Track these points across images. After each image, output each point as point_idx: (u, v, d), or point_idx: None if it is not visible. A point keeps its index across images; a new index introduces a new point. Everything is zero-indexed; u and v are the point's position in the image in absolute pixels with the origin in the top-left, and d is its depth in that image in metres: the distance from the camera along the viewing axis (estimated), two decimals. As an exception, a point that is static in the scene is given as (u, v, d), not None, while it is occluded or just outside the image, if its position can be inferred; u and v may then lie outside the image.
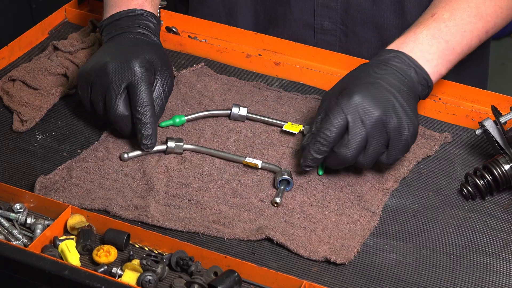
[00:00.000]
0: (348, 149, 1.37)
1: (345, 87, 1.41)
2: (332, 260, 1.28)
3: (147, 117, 1.44)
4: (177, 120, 1.54)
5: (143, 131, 1.44)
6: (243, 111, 1.55)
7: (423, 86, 1.46)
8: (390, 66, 1.44)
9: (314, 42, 1.78)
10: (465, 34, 1.52)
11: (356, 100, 1.37)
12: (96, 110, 1.48)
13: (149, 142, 1.45)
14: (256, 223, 1.34)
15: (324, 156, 1.39)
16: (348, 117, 1.36)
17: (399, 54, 1.46)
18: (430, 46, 1.48)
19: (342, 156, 1.37)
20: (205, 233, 1.32)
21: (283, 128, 1.53)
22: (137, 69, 1.45)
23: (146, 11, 1.58)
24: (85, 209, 1.33)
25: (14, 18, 1.98)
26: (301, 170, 1.42)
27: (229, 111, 1.56)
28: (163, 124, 1.54)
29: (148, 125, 1.44)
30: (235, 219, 1.35)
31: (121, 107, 1.45)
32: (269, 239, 1.32)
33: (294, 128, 1.52)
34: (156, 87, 1.49)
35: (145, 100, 1.44)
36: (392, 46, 1.49)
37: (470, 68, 1.81)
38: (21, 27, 1.79)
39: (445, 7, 1.53)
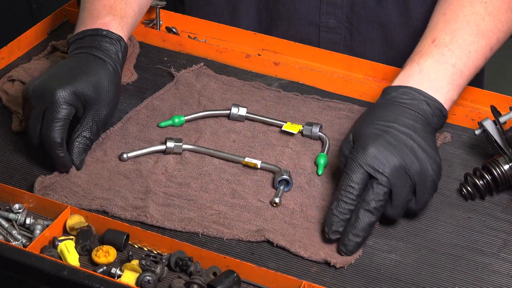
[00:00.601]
0: (373, 205, 1.30)
1: (358, 138, 1.35)
2: (332, 264, 1.28)
3: (51, 150, 1.40)
4: (176, 120, 1.54)
5: (53, 162, 1.41)
6: (242, 111, 1.55)
7: (438, 117, 1.41)
8: (400, 105, 1.39)
9: (318, 40, 1.77)
10: (470, 55, 1.47)
11: (372, 152, 1.31)
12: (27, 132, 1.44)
13: (61, 170, 1.41)
14: (256, 224, 1.34)
15: (350, 215, 1.31)
16: (368, 169, 1.30)
17: (406, 89, 1.41)
18: (437, 73, 1.43)
19: (369, 215, 1.30)
20: (205, 233, 1.32)
21: (283, 128, 1.52)
22: (56, 99, 1.39)
23: (111, 32, 1.51)
24: (84, 209, 1.33)
25: (14, 18, 1.98)
26: (328, 237, 1.32)
27: (228, 111, 1.56)
28: (163, 124, 1.54)
29: (53, 158, 1.40)
30: (235, 219, 1.35)
31: (37, 134, 1.41)
32: (268, 242, 1.32)
33: (294, 128, 1.52)
34: (85, 119, 1.43)
35: (50, 132, 1.39)
36: (398, 82, 1.44)
37: None
38: (21, 27, 1.79)
39: (445, 30, 1.48)
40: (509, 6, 1.52)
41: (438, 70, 1.43)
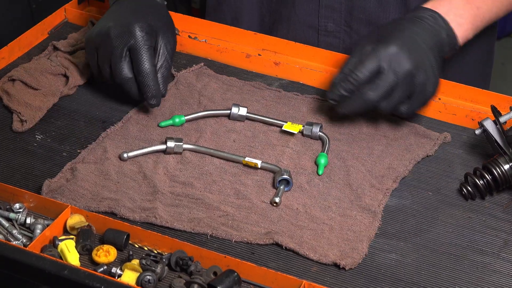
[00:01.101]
0: (375, 92, 1.44)
1: (385, 34, 1.49)
2: (341, 266, 1.28)
3: (149, 79, 1.50)
4: (177, 120, 1.54)
5: (147, 93, 1.51)
6: (242, 111, 1.55)
7: (450, 48, 1.54)
8: (425, 24, 1.52)
9: (317, 44, 1.78)
10: (495, 3, 1.59)
11: (393, 50, 1.45)
12: (103, 74, 1.55)
13: (154, 102, 1.52)
14: (263, 226, 1.34)
15: (350, 94, 1.46)
16: (383, 63, 1.44)
17: (434, 14, 1.53)
18: (463, 10, 1.55)
19: (367, 97, 1.45)
20: (213, 234, 1.32)
21: (283, 128, 1.53)
22: (138, 33, 1.50)
23: None
24: (92, 211, 1.33)
25: (14, 18, 1.98)
26: (328, 101, 1.50)
27: (228, 111, 1.56)
28: (163, 124, 1.54)
29: (150, 87, 1.51)
30: (243, 221, 1.35)
31: (125, 70, 1.51)
32: (277, 244, 1.32)
33: (294, 128, 1.52)
34: (160, 49, 1.54)
35: (145, 63, 1.50)
36: (428, 5, 1.55)
37: (475, 67, 1.81)
38: (21, 27, 1.79)
39: None
40: None
41: (465, 8, 1.56)
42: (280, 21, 1.79)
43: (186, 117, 1.54)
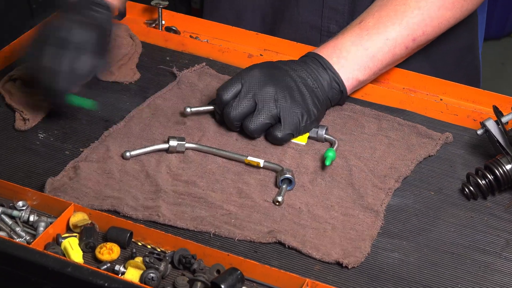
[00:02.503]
0: (233, 110, 1.47)
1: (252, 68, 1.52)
2: (344, 265, 1.28)
3: None
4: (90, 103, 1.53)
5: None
6: None
7: (334, 90, 1.53)
8: (307, 65, 1.53)
9: (319, 44, 1.77)
10: (388, 42, 1.56)
11: (255, 73, 1.49)
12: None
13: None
14: (266, 225, 1.34)
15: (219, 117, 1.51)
16: (244, 84, 1.48)
17: (317, 57, 1.54)
18: (347, 52, 1.54)
19: (226, 116, 1.48)
20: (216, 233, 1.32)
21: (292, 140, 1.52)
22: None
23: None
24: (95, 209, 1.33)
25: (14, 18, 1.98)
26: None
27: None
28: (74, 100, 1.52)
29: None
30: (246, 220, 1.35)
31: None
32: (280, 243, 1.32)
33: (302, 139, 1.52)
34: None
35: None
36: (315, 50, 1.57)
37: (461, 70, 1.82)
38: (21, 27, 1.79)
39: (374, 15, 1.58)
40: (443, 4, 1.59)
41: (349, 50, 1.55)
42: (283, 21, 1.79)
43: (192, 109, 1.55)
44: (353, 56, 1.55)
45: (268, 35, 1.77)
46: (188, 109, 1.53)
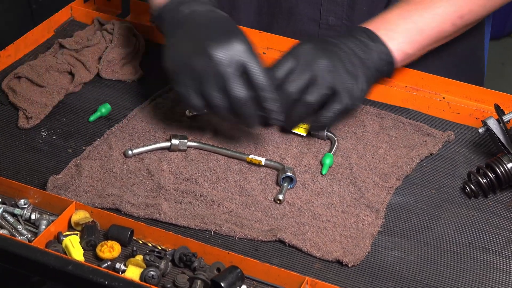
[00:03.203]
0: (291, 84, 1.43)
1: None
2: (344, 263, 1.28)
3: (271, 92, 1.41)
4: (103, 110, 1.55)
5: (272, 108, 1.41)
6: None
7: (383, 61, 1.53)
8: (355, 38, 1.52)
9: (317, 37, 1.78)
10: (435, 17, 1.57)
11: (307, 46, 1.46)
12: (212, 102, 1.40)
13: (280, 117, 1.43)
14: (267, 223, 1.35)
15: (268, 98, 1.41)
16: (297, 58, 1.45)
17: (366, 30, 1.54)
18: (396, 25, 1.55)
19: (286, 92, 1.42)
20: (217, 231, 1.33)
21: (293, 130, 1.53)
22: (243, 47, 1.40)
23: None
24: (97, 207, 1.34)
25: (15, 18, 1.99)
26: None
27: None
28: (92, 118, 1.55)
29: (272, 101, 1.41)
30: (246, 218, 1.36)
31: (241, 89, 1.39)
32: (280, 241, 1.32)
33: (301, 129, 1.52)
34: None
35: (262, 76, 1.40)
36: (363, 24, 1.56)
37: (466, 69, 1.81)
38: (21, 27, 1.80)
39: None
40: None
41: (398, 23, 1.55)
42: (280, 13, 1.78)
43: (194, 112, 1.55)
44: (402, 29, 1.55)
45: (265, 28, 1.76)
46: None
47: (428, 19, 1.57)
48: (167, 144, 1.48)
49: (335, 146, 1.49)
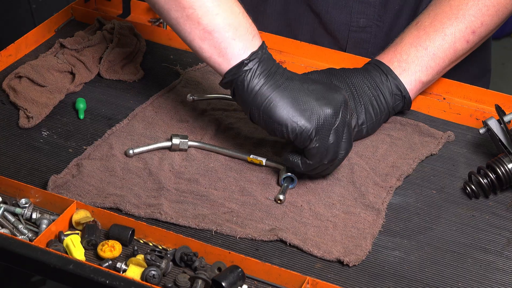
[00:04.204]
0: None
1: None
2: (345, 263, 1.28)
3: None
4: (81, 105, 1.56)
5: None
6: None
7: (397, 97, 1.52)
8: (368, 74, 1.51)
9: (346, 39, 1.74)
10: (447, 38, 1.54)
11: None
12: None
13: None
14: (268, 223, 1.35)
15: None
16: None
17: (378, 63, 1.53)
18: (407, 55, 1.53)
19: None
20: (218, 231, 1.33)
21: None
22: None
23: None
24: (98, 207, 1.34)
25: (15, 18, 1.99)
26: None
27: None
28: (81, 116, 1.56)
29: None
30: (247, 218, 1.36)
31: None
32: (282, 241, 1.32)
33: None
34: None
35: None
36: (377, 57, 1.56)
37: (470, 69, 1.81)
38: (21, 27, 1.80)
39: (429, 14, 1.57)
40: None
41: (409, 52, 1.54)
42: (309, 18, 1.74)
43: (195, 97, 1.57)
44: (413, 57, 1.53)
45: (293, 34, 1.75)
46: (191, 97, 1.54)
47: (439, 42, 1.54)
48: (168, 143, 1.48)
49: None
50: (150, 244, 1.30)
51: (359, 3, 1.69)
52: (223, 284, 1.20)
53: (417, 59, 1.53)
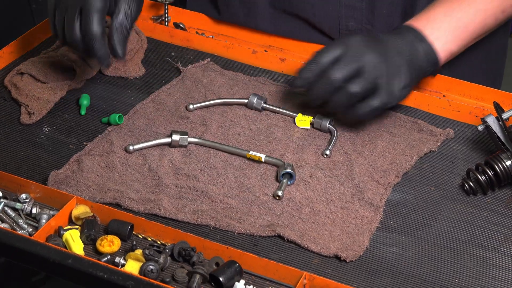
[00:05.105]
0: (338, 71, 1.44)
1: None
2: (342, 258, 1.29)
3: (94, 42, 1.46)
4: (85, 102, 1.58)
5: (94, 55, 1.48)
6: (258, 103, 1.57)
7: (429, 62, 1.53)
8: (403, 37, 1.52)
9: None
10: (478, 13, 1.57)
11: (357, 39, 1.47)
12: (58, 34, 1.50)
13: (104, 63, 1.49)
14: (266, 219, 1.36)
15: (315, 78, 1.46)
16: (346, 50, 1.45)
17: (411, 29, 1.53)
18: (441, 23, 1.55)
19: (330, 76, 1.44)
20: (216, 226, 1.34)
21: (296, 125, 1.54)
22: None
23: None
24: (97, 202, 1.35)
25: (14, 18, 2.00)
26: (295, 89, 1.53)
27: (245, 100, 1.58)
28: (83, 112, 1.57)
29: (95, 50, 1.46)
30: (246, 214, 1.36)
31: (77, 31, 1.47)
32: (279, 236, 1.33)
33: (304, 123, 1.53)
34: (119, 12, 1.49)
35: (91, 27, 1.45)
36: (407, 23, 1.56)
37: (485, 66, 1.81)
38: (21, 27, 1.80)
39: None
40: None
41: (443, 21, 1.55)
42: (298, 23, 1.76)
43: (195, 106, 1.57)
44: (447, 27, 1.55)
45: (285, 36, 1.76)
46: (191, 106, 1.55)
47: (472, 15, 1.57)
48: (168, 140, 1.48)
49: (335, 138, 1.50)
50: (149, 239, 1.31)
51: (346, 8, 1.72)
52: (221, 279, 1.21)
53: (449, 28, 1.55)
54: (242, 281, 1.23)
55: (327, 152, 1.46)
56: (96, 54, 1.47)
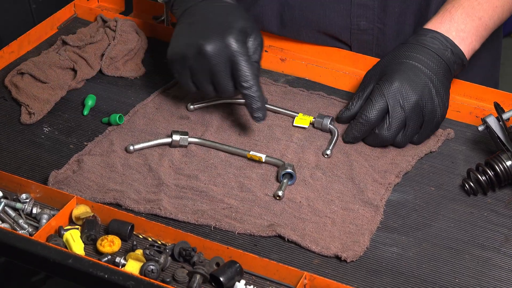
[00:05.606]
0: (389, 131, 1.47)
1: (385, 72, 1.51)
2: (343, 258, 1.29)
3: (254, 90, 1.47)
4: (90, 102, 1.58)
5: (253, 105, 1.47)
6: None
7: (458, 65, 1.55)
8: (428, 48, 1.53)
9: (350, 42, 1.74)
10: (497, 9, 1.60)
11: (396, 86, 1.47)
12: (206, 92, 1.50)
13: (261, 115, 1.48)
14: (266, 219, 1.36)
15: (364, 135, 1.50)
16: (389, 101, 1.47)
17: (436, 34, 1.54)
18: (464, 24, 1.56)
19: (383, 137, 1.48)
20: (217, 226, 1.34)
21: (294, 124, 1.54)
22: (234, 45, 1.45)
23: None
24: (98, 202, 1.35)
25: (15, 18, 2.00)
26: (345, 140, 1.52)
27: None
28: (86, 112, 1.57)
29: (256, 98, 1.47)
30: (246, 214, 1.36)
31: (231, 85, 1.47)
32: (280, 236, 1.33)
33: (304, 121, 1.54)
34: (255, 51, 1.51)
35: (248, 74, 1.46)
36: (430, 25, 1.56)
37: (482, 72, 1.82)
38: (21, 27, 1.80)
39: None
40: None
41: (466, 22, 1.57)
42: (307, 25, 1.73)
43: (195, 106, 1.57)
44: (470, 27, 1.57)
45: (292, 37, 1.76)
46: (191, 106, 1.55)
47: (491, 12, 1.59)
48: (168, 140, 1.48)
49: (335, 138, 1.50)
50: (149, 239, 1.31)
51: (358, 7, 1.70)
52: (221, 279, 1.21)
53: (473, 28, 1.57)
54: (243, 281, 1.23)
55: (328, 152, 1.47)
56: (256, 105, 1.47)
